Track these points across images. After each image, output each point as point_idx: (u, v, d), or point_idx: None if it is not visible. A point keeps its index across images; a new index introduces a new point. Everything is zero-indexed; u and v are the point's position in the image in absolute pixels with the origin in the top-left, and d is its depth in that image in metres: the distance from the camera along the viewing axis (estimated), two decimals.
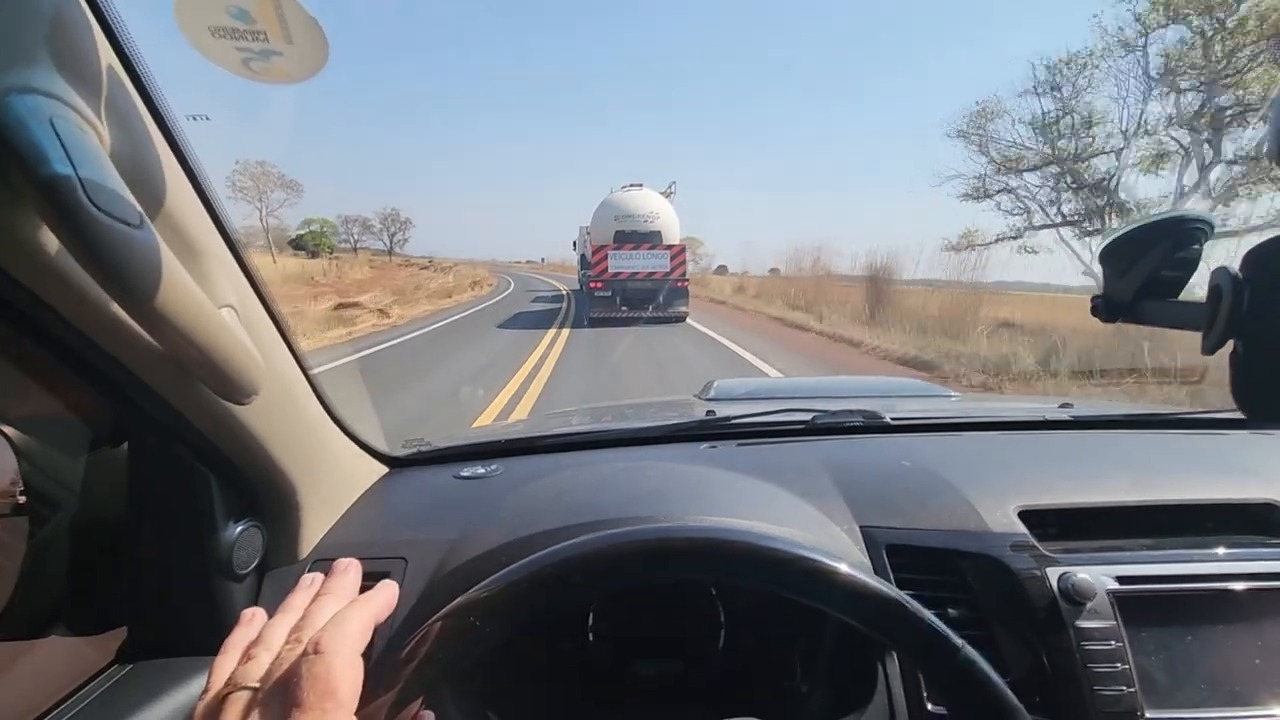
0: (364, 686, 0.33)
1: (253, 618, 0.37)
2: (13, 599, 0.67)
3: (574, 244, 19.44)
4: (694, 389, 1.57)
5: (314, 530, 0.76)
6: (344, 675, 0.31)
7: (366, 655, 0.34)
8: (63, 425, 0.65)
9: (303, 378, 0.69)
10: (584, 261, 15.84)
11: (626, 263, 12.39)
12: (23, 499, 0.67)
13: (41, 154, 0.31)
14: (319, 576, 0.39)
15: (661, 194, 15.18)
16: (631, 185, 14.80)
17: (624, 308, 12.18)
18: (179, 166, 0.45)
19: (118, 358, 0.47)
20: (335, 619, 0.34)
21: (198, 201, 0.48)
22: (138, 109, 0.41)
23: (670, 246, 12.94)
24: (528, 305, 17.41)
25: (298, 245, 45.46)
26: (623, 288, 12.29)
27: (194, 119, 0.44)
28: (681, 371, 6.74)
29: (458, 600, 0.42)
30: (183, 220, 0.46)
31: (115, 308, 0.41)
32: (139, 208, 0.36)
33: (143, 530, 0.65)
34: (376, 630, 0.66)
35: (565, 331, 10.83)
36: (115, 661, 0.66)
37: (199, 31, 0.39)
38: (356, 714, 0.32)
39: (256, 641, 0.34)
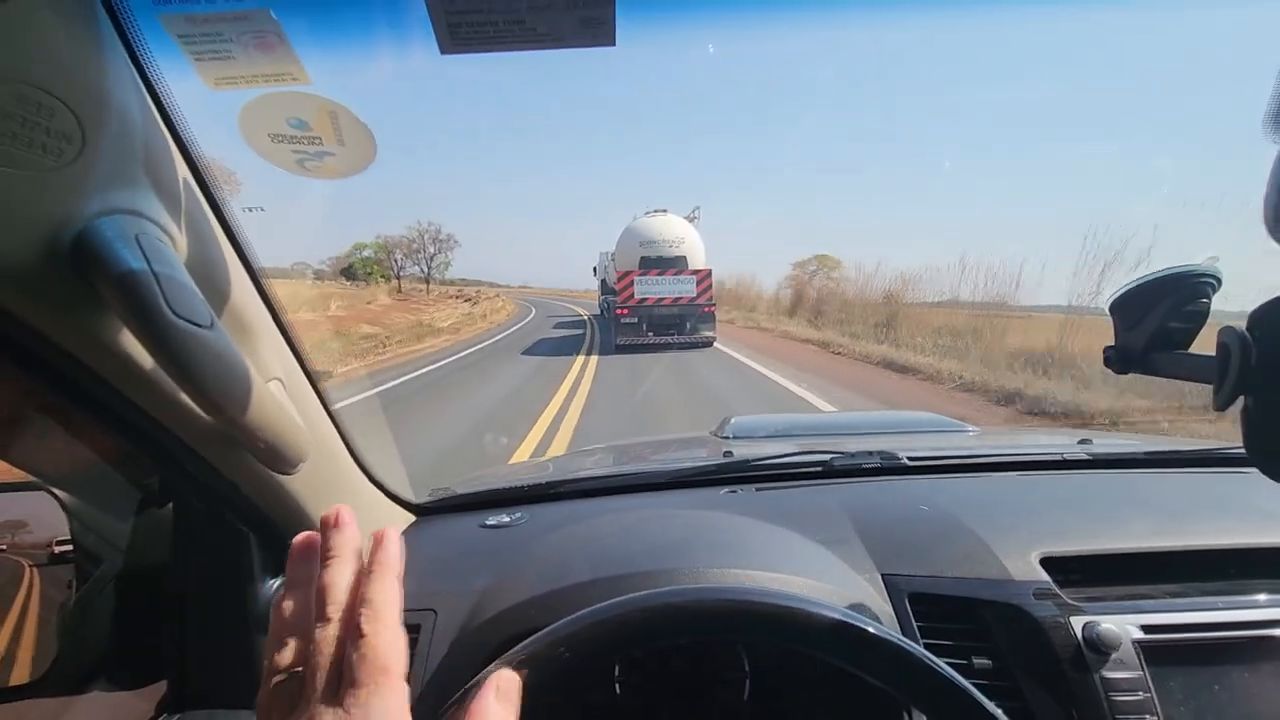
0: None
1: (282, 602, 0.34)
2: (60, 653, 0.69)
3: (594, 270, 19.37)
4: None
5: None
6: (391, 649, 0.31)
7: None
8: (112, 487, 0.68)
9: (339, 436, 0.72)
10: (604, 287, 15.64)
11: (653, 288, 12.17)
12: (72, 557, 0.70)
13: (130, 269, 0.34)
14: (313, 539, 0.35)
15: (686, 218, 14.97)
16: (656, 210, 14.58)
17: (650, 333, 11.97)
18: (238, 258, 0.49)
19: (174, 432, 0.50)
20: (367, 598, 0.32)
21: (249, 283, 0.52)
22: (206, 213, 0.45)
23: (696, 271, 12.70)
24: (549, 331, 17.00)
25: (349, 274, 38.72)
26: (649, 313, 12.08)
27: (249, 211, 0.48)
28: None
29: (546, 631, 0.45)
30: (241, 305, 0.49)
31: (181, 395, 0.44)
32: (209, 308, 0.39)
33: (186, 587, 0.67)
34: (413, 671, 0.67)
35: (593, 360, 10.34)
36: (155, 717, 0.67)
37: (260, 139, 0.42)
38: None
39: (284, 626, 0.33)
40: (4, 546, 0.73)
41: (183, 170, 0.41)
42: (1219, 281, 0.59)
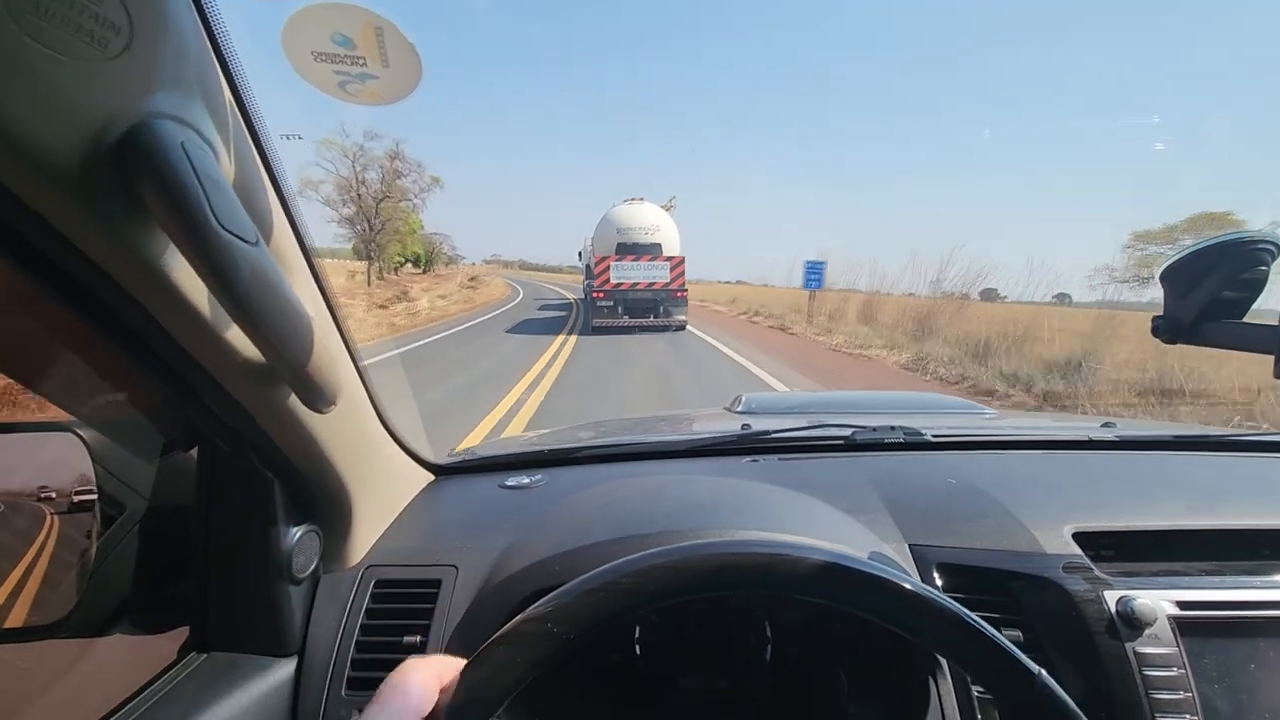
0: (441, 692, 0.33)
1: None
2: (83, 595, 0.69)
3: (579, 254, 19.74)
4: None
5: (367, 536, 0.77)
6: None
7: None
8: (137, 430, 0.68)
9: (364, 388, 0.71)
10: (589, 271, 16.21)
11: (628, 273, 12.73)
12: (94, 499, 0.69)
13: (177, 175, 0.33)
14: None
15: (662, 207, 15.53)
16: (633, 199, 15.12)
17: (625, 316, 12.56)
18: (272, 185, 0.48)
19: (204, 365, 0.49)
20: None
21: (285, 218, 0.50)
22: (245, 135, 0.43)
23: (670, 258, 13.24)
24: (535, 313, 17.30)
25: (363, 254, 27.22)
26: (624, 297, 12.65)
27: (287, 138, 0.46)
28: None
29: (537, 605, 0.43)
30: (276, 237, 0.48)
31: (216, 318, 0.43)
32: (254, 226, 0.38)
33: (209, 532, 0.67)
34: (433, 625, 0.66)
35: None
36: (179, 659, 0.67)
37: (302, 56, 0.41)
38: None
39: None
40: (52, 493, 0.73)
41: (225, 86, 0.40)
42: (1278, 248, 0.57)
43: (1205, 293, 0.59)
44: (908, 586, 0.43)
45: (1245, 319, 0.58)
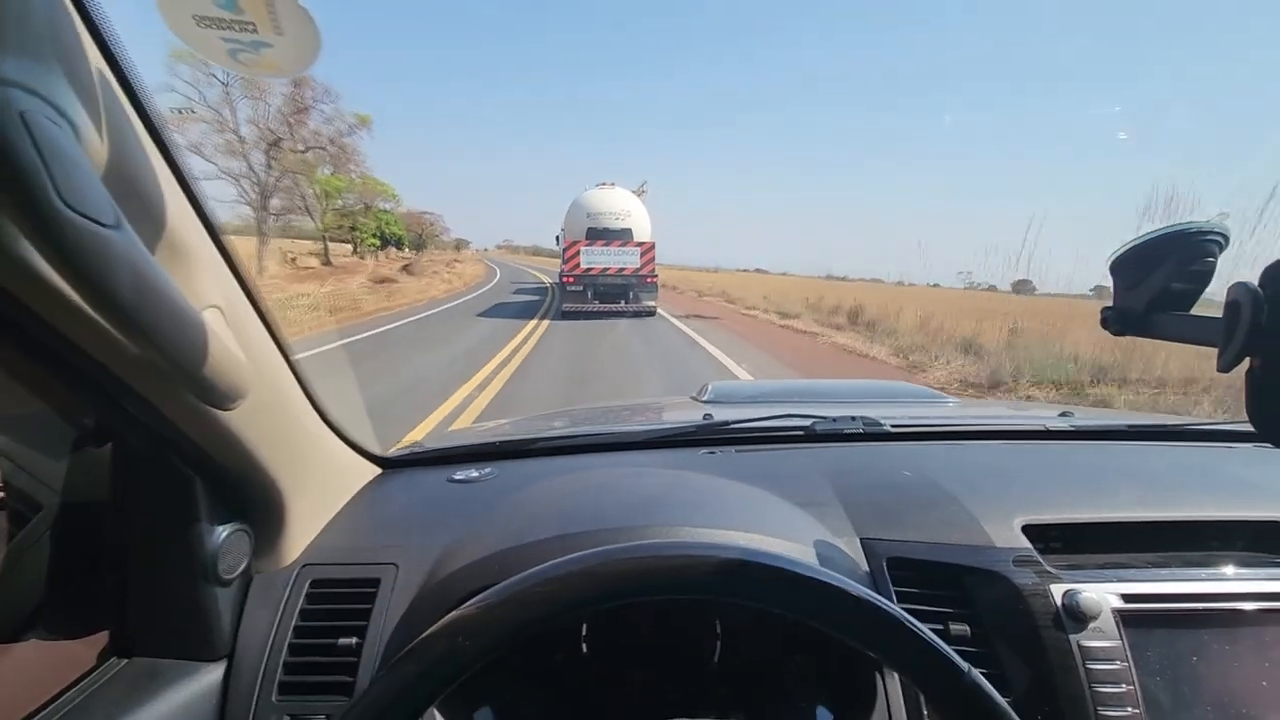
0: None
1: None
2: None
3: (556, 239, 19.72)
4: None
5: (304, 534, 0.74)
6: None
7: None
8: (45, 424, 0.63)
9: (293, 377, 0.67)
10: (564, 256, 16.40)
11: (598, 258, 12.78)
12: (2, 497, 0.65)
13: (11, 147, 0.29)
14: None
15: (634, 192, 15.57)
16: (604, 184, 15.15)
17: (595, 301, 12.63)
18: (164, 164, 0.44)
19: (97, 359, 0.45)
20: None
21: (183, 199, 0.47)
22: (121, 104, 0.39)
23: (641, 244, 13.28)
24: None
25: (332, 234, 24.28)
26: (594, 282, 12.70)
27: (179, 112, 0.42)
28: None
29: (446, 619, 0.41)
30: (168, 219, 0.44)
31: (92, 310, 0.39)
32: (115, 207, 0.34)
33: (126, 532, 0.63)
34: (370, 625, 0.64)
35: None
36: (98, 665, 0.64)
37: (183, 21, 0.37)
38: None
39: None
40: None
41: (95, 54, 0.36)
42: (1226, 239, 0.56)
43: (1154, 284, 0.58)
44: (831, 582, 0.42)
45: (1192, 311, 0.57)
